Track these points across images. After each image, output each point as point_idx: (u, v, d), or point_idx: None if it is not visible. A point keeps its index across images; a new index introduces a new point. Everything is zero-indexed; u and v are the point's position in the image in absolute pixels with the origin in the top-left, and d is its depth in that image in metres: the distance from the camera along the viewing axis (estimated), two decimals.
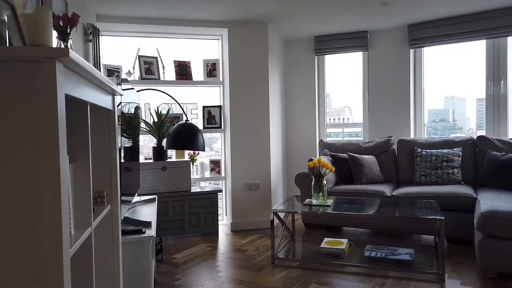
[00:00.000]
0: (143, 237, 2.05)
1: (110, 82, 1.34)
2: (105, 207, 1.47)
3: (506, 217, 2.58)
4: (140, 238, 2.05)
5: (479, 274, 2.75)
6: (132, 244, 2.05)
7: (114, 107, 1.57)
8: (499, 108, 3.99)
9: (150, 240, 2.08)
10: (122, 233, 2.05)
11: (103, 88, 1.37)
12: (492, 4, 3.64)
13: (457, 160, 3.73)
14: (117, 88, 1.47)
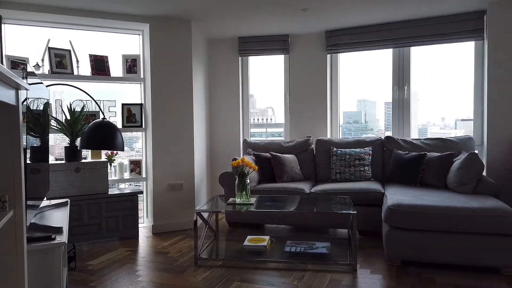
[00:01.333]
0: (53, 244, 1.89)
1: (13, 74, 1.21)
2: (6, 213, 1.33)
3: (409, 210, 2.86)
4: (49, 245, 1.89)
5: (386, 262, 3.01)
6: (40, 252, 1.88)
7: (19, 103, 1.42)
8: (403, 111, 4.42)
9: (61, 247, 1.92)
10: (28, 240, 1.87)
11: (4, 81, 1.24)
12: (398, 16, 4.01)
13: (368, 158, 4.05)
14: (21, 81, 1.34)
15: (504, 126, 3.61)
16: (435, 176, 3.57)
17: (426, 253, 2.84)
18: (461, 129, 4.40)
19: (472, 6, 3.71)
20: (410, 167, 3.71)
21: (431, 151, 3.87)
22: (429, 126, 4.65)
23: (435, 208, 2.82)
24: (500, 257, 2.70)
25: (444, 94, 4.34)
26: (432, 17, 4.01)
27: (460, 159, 3.43)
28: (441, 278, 2.70)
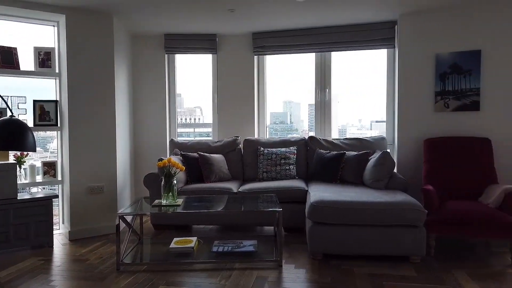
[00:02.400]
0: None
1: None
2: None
3: (330, 205, 3.02)
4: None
5: (309, 257, 3.14)
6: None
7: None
8: (325, 113, 4.65)
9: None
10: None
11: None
12: (321, 22, 4.22)
13: (293, 157, 4.19)
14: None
15: (412, 128, 3.98)
16: (353, 174, 3.82)
17: (346, 246, 3.02)
18: (375, 130, 4.75)
19: (385, 16, 4.03)
20: (331, 165, 3.92)
21: (349, 150, 4.13)
22: (348, 127, 4.96)
23: (353, 203, 3.01)
24: (409, 247, 2.96)
25: (361, 97, 4.66)
26: (351, 25, 4.28)
27: (375, 157, 3.70)
28: (359, 269, 2.88)
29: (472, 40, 3.73)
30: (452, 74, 3.79)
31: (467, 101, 3.75)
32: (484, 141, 3.58)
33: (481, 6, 3.68)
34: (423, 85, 3.92)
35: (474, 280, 2.67)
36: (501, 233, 2.90)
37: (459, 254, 3.20)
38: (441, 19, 3.82)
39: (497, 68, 3.67)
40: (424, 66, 3.91)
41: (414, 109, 3.96)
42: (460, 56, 3.76)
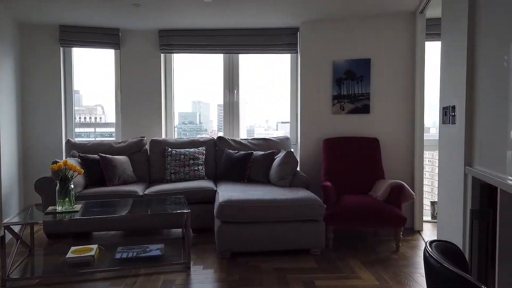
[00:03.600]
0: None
1: None
2: None
3: (238, 204, 3.08)
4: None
5: (218, 256, 3.16)
6: None
7: None
8: (233, 113, 4.73)
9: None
10: None
11: None
12: (228, 24, 4.27)
13: (202, 158, 4.18)
14: None
15: (313, 128, 4.25)
16: (260, 173, 3.95)
17: (253, 243, 3.11)
18: (281, 130, 4.98)
19: (288, 23, 4.24)
20: (239, 165, 4.00)
21: (257, 150, 4.26)
22: (256, 127, 5.11)
23: (260, 201, 3.11)
24: (310, 240, 3.17)
25: (268, 99, 4.84)
26: (258, 29, 4.42)
27: (280, 156, 3.88)
28: (265, 264, 2.99)
29: (363, 49, 4.13)
30: (347, 80, 4.15)
31: (360, 104, 4.14)
32: (373, 141, 3.99)
33: (369, 20, 4.09)
34: (322, 89, 4.22)
35: (366, 266, 2.96)
36: (387, 223, 3.26)
37: (353, 244, 3.51)
38: (337, 29, 4.15)
39: (383, 75, 4.11)
40: (323, 72, 4.21)
41: (314, 111, 4.24)
42: (353, 64, 4.13)
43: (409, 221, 4.00)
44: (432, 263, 0.95)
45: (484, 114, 1.77)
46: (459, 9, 2.06)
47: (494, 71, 1.64)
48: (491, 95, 1.68)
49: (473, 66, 1.91)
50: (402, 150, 4.10)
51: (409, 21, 4.02)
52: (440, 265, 0.92)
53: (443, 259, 0.93)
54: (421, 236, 3.79)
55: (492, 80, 1.67)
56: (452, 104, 2.18)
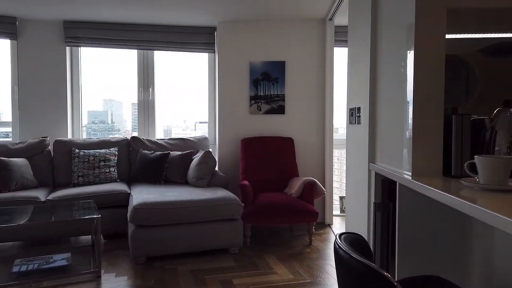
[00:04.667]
0: None
1: None
2: None
3: (153, 207, 2.96)
4: None
5: (132, 262, 3.01)
6: None
7: None
8: (148, 112, 4.55)
9: None
10: None
11: None
12: (142, 19, 4.10)
13: (114, 159, 3.95)
14: None
15: (231, 128, 4.28)
16: (177, 173, 3.85)
17: (170, 246, 3.02)
18: (199, 130, 4.92)
19: (206, 22, 4.21)
20: (155, 166, 3.86)
21: (174, 150, 4.15)
22: (173, 127, 4.99)
23: (177, 203, 3.03)
24: (228, 239, 3.18)
25: (185, 98, 4.74)
26: (174, 26, 4.30)
27: (198, 156, 3.83)
28: (182, 267, 2.93)
29: (278, 52, 4.27)
30: (263, 81, 4.26)
31: (275, 105, 4.27)
32: (288, 140, 4.15)
33: (284, 24, 4.25)
34: (240, 89, 4.27)
35: (282, 261, 3.06)
36: (301, 218, 3.41)
37: (270, 240, 3.61)
38: (254, 31, 4.24)
39: (296, 78, 4.30)
40: (240, 72, 4.26)
41: (232, 111, 4.27)
42: (269, 65, 4.25)
43: (321, 215, 4.24)
44: (342, 254, 1.01)
45: (385, 115, 1.95)
46: (363, 19, 2.24)
47: (393, 76, 1.81)
48: (391, 98, 1.86)
49: (376, 71, 2.09)
50: (314, 149, 4.33)
51: (319, 27, 4.26)
52: (348, 256, 0.98)
53: (351, 250, 0.99)
54: (331, 229, 4.04)
55: (392, 84, 1.84)
56: (357, 106, 2.36)
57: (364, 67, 2.22)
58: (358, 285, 0.97)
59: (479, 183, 1.26)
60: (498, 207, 0.99)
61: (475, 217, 1.03)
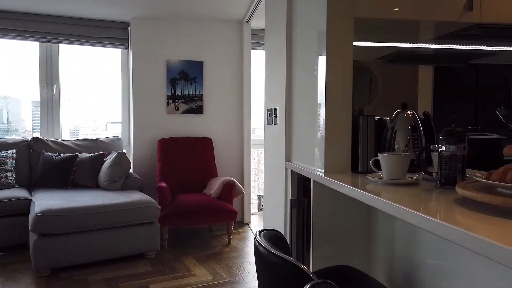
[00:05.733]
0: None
1: None
2: None
3: (59, 214, 2.72)
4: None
5: (34, 275, 2.73)
6: None
7: None
8: (52, 111, 4.16)
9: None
10: None
11: None
12: (44, 9, 3.73)
13: (11, 162, 3.54)
14: None
15: (147, 128, 4.12)
16: (87, 176, 3.59)
17: (79, 255, 2.80)
18: (112, 130, 4.65)
19: (118, 16, 3.99)
20: (61, 169, 3.54)
21: (83, 152, 3.86)
22: (82, 127, 4.64)
23: (86, 208, 2.83)
24: (145, 243, 3.05)
25: (96, 97, 4.44)
26: (82, 18, 4.00)
27: (110, 158, 3.61)
28: (94, 276, 2.73)
29: (196, 51, 4.22)
30: (181, 80, 4.17)
31: (194, 105, 4.22)
32: (207, 140, 4.12)
33: (202, 24, 4.22)
34: (156, 88, 4.13)
35: (201, 263, 3.03)
36: (220, 218, 3.42)
37: (188, 242, 3.56)
38: (171, 29, 4.13)
39: (215, 78, 4.30)
40: (156, 71, 4.12)
41: (148, 111, 4.12)
42: (187, 65, 4.18)
43: (240, 214, 4.29)
44: (261, 251, 1.04)
45: (300, 116, 2.04)
46: (279, 23, 2.32)
47: (307, 79, 1.91)
48: (305, 100, 1.95)
49: (291, 73, 2.18)
50: (232, 149, 4.37)
51: (237, 29, 4.32)
52: (268, 252, 1.00)
53: (270, 246, 1.02)
54: (250, 227, 4.12)
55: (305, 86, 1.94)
56: (274, 107, 2.44)
57: (280, 69, 2.30)
58: (277, 279, 1.01)
59: (383, 178, 1.39)
60: (398, 199, 1.10)
61: (380, 209, 1.13)
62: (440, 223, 0.84)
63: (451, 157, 1.20)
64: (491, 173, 1.01)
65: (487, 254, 0.70)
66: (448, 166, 1.21)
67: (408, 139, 1.62)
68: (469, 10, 1.70)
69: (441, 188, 1.23)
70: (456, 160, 1.20)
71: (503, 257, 0.66)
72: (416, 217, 0.93)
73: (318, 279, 0.86)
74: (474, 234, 0.74)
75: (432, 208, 1.02)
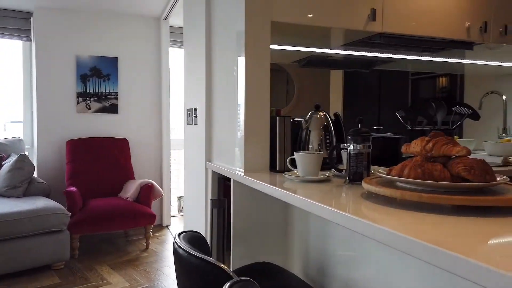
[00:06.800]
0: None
1: None
2: None
3: None
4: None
5: None
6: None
7: None
8: None
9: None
10: None
11: None
12: None
13: None
14: None
15: (53, 128, 3.78)
16: None
17: None
18: (11, 131, 4.18)
19: (19, 4, 3.61)
20: None
21: None
22: None
23: None
24: (52, 254, 2.80)
25: None
26: None
27: (10, 162, 3.25)
28: None
29: (110, 47, 3.99)
30: (93, 77, 3.91)
31: (107, 104, 3.99)
32: (122, 141, 3.92)
33: (116, 18, 4.00)
34: (64, 85, 3.81)
35: (116, 270, 2.88)
36: (137, 222, 3.28)
37: (102, 249, 3.35)
38: (81, 22, 3.85)
39: (131, 76, 4.11)
40: (64, 66, 3.81)
41: (55, 110, 3.79)
42: (100, 61, 3.93)
43: (158, 217, 4.16)
44: (180, 253, 1.02)
45: (220, 116, 2.05)
46: (198, 22, 2.30)
47: (227, 79, 1.92)
48: (225, 100, 1.96)
49: (211, 73, 2.17)
50: (151, 150, 4.22)
51: (155, 26, 4.18)
52: (187, 254, 0.99)
53: (190, 247, 1.01)
54: (169, 230, 4.02)
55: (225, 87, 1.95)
56: (194, 107, 2.41)
57: (200, 69, 2.28)
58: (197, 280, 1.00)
59: (298, 175, 1.45)
60: (312, 195, 1.16)
61: (296, 205, 1.18)
62: (349, 216, 0.91)
63: (358, 155, 1.30)
64: (392, 169, 1.11)
65: (389, 242, 0.78)
66: (356, 163, 1.31)
67: (321, 138, 1.72)
68: (373, 20, 1.86)
69: (350, 184, 1.33)
70: (362, 158, 1.30)
71: (402, 244, 0.74)
72: (328, 212, 0.99)
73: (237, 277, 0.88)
74: (377, 225, 0.81)
75: (342, 202, 1.10)
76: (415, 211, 0.92)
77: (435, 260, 0.66)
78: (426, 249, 0.68)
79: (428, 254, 0.68)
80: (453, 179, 0.99)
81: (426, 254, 0.68)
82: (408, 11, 1.95)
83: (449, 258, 0.63)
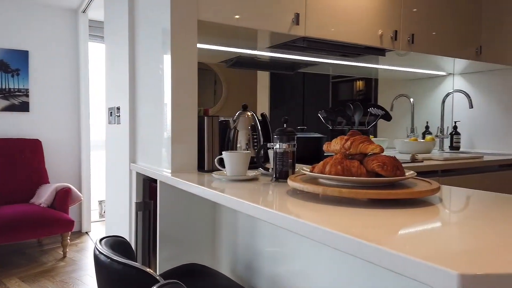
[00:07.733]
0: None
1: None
2: None
3: None
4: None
5: None
6: None
7: None
8: None
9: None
10: None
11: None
12: None
13: None
14: None
15: None
16: None
17: None
18: None
19: None
20: None
21: None
22: None
23: None
24: None
25: None
26: None
27: None
28: None
29: (19, 39, 3.63)
30: None
31: (17, 101, 3.62)
32: (34, 142, 3.59)
33: (27, 9, 3.65)
34: None
35: (28, 283, 2.63)
36: (53, 229, 3.03)
37: (11, 261, 3.04)
38: None
39: (45, 71, 3.78)
40: None
41: None
42: (7, 54, 3.56)
43: (77, 224, 3.89)
44: (102, 259, 0.96)
45: (145, 115, 1.97)
46: (120, 16, 2.19)
47: (152, 77, 1.86)
48: (150, 99, 1.90)
49: (135, 70, 2.08)
50: (68, 151, 3.92)
51: (72, 19, 3.89)
52: (109, 260, 0.94)
53: (112, 253, 0.95)
54: (90, 237, 3.78)
55: (151, 85, 1.88)
56: (117, 106, 2.29)
57: (122, 65, 2.18)
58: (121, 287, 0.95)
59: (227, 175, 1.46)
60: (240, 194, 1.17)
61: (224, 205, 1.19)
62: (275, 212, 0.93)
63: (283, 153, 1.35)
64: (314, 166, 1.17)
65: (312, 236, 0.81)
66: (281, 161, 1.35)
67: (249, 138, 1.74)
68: (297, 24, 1.93)
69: (276, 182, 1.36)
70: (287, 156, 1.35)
71: (324, 237, 0.78)
72: (255, 210, 1.01)
73: (164, 281, 0.85)
74: (302, 220, 0.85)
75: (269, 200, 1.12)
76: (336, 205, 0.97)
77: (352, 249, 0.71)
78: (344, 240, 0.72)
79: (345, 244, 0.72)
80: (369, 174, 1.07)
81: (344, 245, 0.73)
82: (329, 18, 2.06)
83: (365, 247, 0.68)
